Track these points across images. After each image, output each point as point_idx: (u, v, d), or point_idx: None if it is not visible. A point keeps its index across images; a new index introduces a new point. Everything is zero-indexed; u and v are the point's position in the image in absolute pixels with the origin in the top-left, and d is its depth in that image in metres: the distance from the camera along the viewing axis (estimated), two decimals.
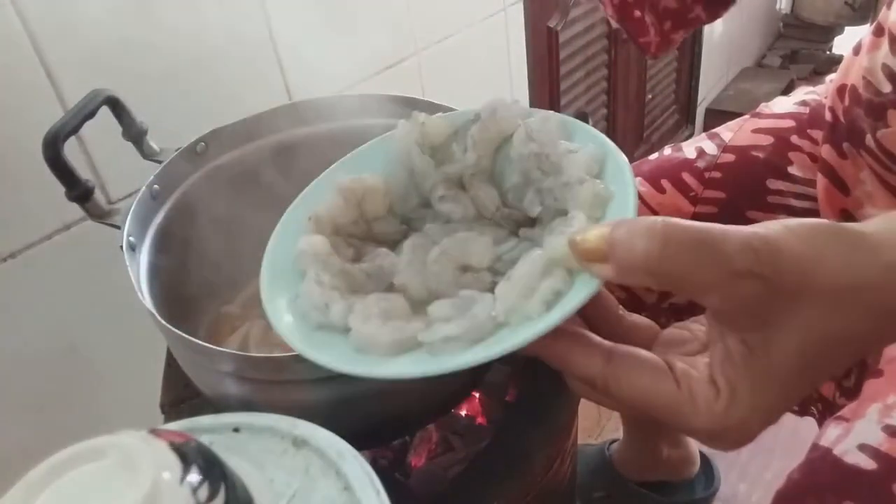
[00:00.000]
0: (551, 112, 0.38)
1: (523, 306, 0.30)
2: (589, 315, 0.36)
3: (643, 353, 0.31)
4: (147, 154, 0.58)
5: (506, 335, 0.31)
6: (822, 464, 0.46)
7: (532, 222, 0.37)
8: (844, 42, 2.58)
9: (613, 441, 1.11)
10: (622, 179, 0.33)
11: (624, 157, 0.34)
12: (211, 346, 0.42)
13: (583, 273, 0.30)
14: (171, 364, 0.62)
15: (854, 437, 0.46)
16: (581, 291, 0.30)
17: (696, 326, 0.35)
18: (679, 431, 0.30)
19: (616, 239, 0.27)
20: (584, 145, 0.35)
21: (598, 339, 0.32)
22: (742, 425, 0.28)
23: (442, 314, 0.32)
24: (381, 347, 0.32)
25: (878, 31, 0.60)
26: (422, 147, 0.40)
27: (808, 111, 0.73)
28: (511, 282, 0.31)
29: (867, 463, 0.44)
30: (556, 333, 0.31)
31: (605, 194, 0.33)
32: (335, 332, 0.34)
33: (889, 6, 0.59)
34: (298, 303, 0.36)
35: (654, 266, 0.27)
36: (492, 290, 0.33)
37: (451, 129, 0.40)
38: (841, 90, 0.65)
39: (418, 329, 0.32)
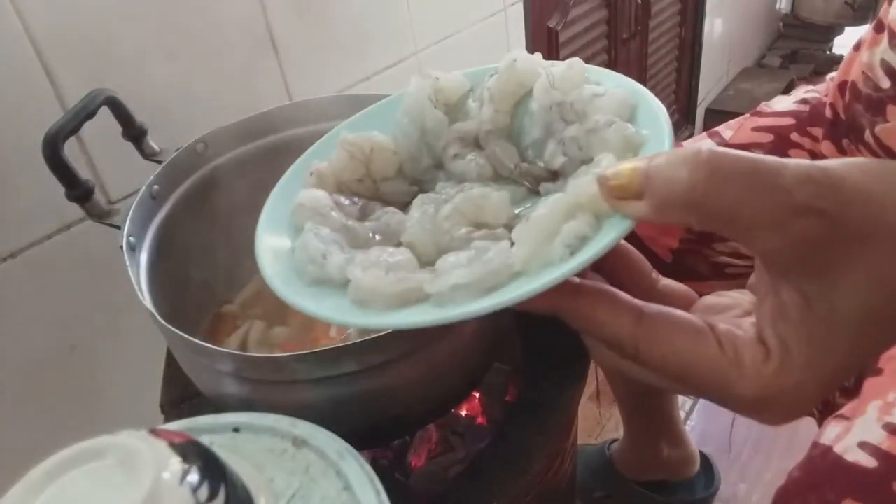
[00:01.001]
0: (576, 59, 0.34)
1: (543, 251, 0.27)
2: (619, 278, 0.33)
3: (679, 312, 0.27)
4: (147, 154, 0.58)
5: (522, 284, 0.27)
6: (822, 462, 0.46)
7: (554, 177, 0.33)
8: (844, 42, 2.58)
9: (613, 441, 1.11)
10: (656, 124, 0.29)
11: (658, 101, 0.30)
12: (211, 346, 0.42)
13: (612, 218, 0.26)
14: (171, 364, 0.62)
15: (854, 434, 0.46)
16: (609, 234, 0.26)
17: (737, 294, 0.32)
18: (723, 404, 0.26)
19: (655, 169, 0.24)
20: (613, 89, 0.31)
21: (627, 296, 0.28)
22: (797, 390, 0.25)
23: (452, 266, 0.28)
24: (382, 299, 0.28)
25: (879, 28, 0.60)
26: (435, 104, 0.36)
27: (808, 109, 0.73)
28: (529, 223, 0.27)
29: (868, 461, 0.44)
30: (580, 288, 0.27)
31: (637, 138, 0.29)
32: (333, 287, 0.31)
33: (890, 2, 0.59)
34: (294, 257, 0.32)
35: (700, 198, 0.23)
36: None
37: (466, 87, 0.37)
38: (842, 86, 0.65)
39: (425, 280, 0.28)
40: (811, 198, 0.23)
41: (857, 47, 0.64)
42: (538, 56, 0.35)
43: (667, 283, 0.33)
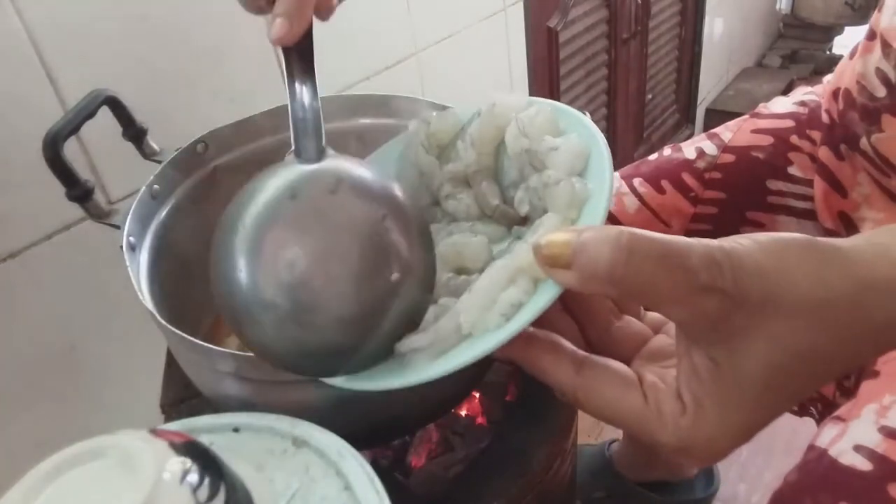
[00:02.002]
0: (545, 102, 0.37)
1: (483, 318, 0.31)
2: (579, 317, 0.36)
3: (613, 364, 0.31)
4: (147, 154, 0.58)
5: (468, 347, 0.31)
6: (817, 465, 0.46)
7: (524, 221, 0.37)
8: (844, 42, 2.57)
9: (613, 441, 1.11)
10: (601, 175, 0.33)
11: (606, 150, 0.33)
12: (211, 346, 0.42)
13: (546, 282, 0.30)
14: (171, 364, 0.62)
15: (849, 437, 0.46)
16: (540, 300, 0.30)
17: None
18: (647, 445, 0.30)
19: (581, 246, 0.27)
20: (569, 138, 0.35)
21: (570, 347, 0.32)
22: (709, 442, 0.28)
23: (425, 321, 0.34)
24: None
25: (871, 36, 0.60)
26: (428, 147, 0.40)
27: (807, 111, 0.73)
28: (472, 294, 0.32)
29: (863, 464, 0.44)
30: (529, 340, 0.31)
31: (582, 194, 0.32)
32: None
33: (880, 10, 0.59)
34: None
35: (619, 277, 0.26)
36: None
37: (458, 126, 0.40)
38: (835, 93, 0.65)
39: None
40: (713, 278, 0.26)
41: (852, 54, 0.64)
42: (517, 98, 0.38)
43: (622, 324, 0.36)
